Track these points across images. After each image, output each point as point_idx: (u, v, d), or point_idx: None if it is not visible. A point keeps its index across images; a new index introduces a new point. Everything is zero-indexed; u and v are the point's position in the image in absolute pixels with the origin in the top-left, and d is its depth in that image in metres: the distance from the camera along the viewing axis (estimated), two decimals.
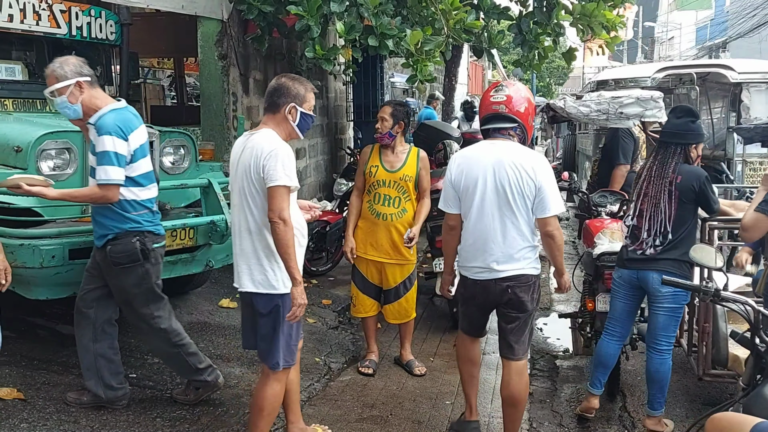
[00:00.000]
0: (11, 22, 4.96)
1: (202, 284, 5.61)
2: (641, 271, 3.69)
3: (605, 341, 3.91)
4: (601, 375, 3.92)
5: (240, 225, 3.11)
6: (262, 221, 3.02)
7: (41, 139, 4.15)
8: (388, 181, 4.45)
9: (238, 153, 3.12)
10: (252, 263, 3.07)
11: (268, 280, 3.06)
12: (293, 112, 3.10)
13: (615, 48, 7.16)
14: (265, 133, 3.07)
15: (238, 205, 3.10)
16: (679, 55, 34.08)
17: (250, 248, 3.08)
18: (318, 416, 3.95)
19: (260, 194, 3.01)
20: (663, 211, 3.63)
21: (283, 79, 3.16)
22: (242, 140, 3.17)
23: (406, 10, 6.37)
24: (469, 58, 26.47)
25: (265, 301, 3.08)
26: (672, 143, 3.71)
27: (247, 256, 3.09)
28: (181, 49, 8.77)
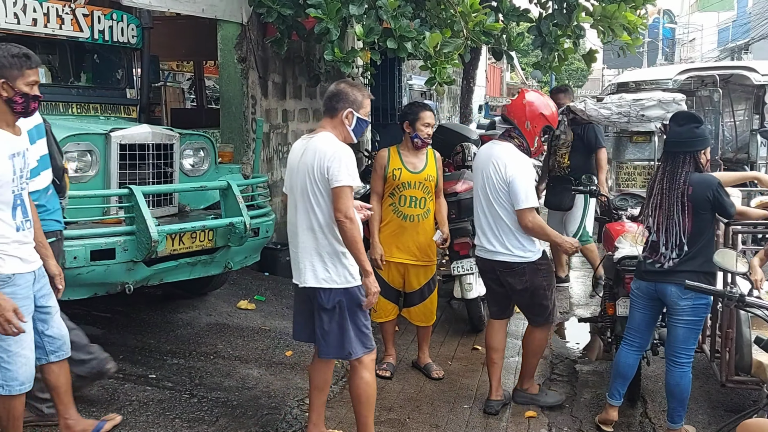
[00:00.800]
0: (35, 26, 5.03)
1: (221, 286, 5.65)
2: (659, 283, 3.62)
3: (624, 351, 3.83)
4: (621, 386, 3.84)
5: (302, 224, 3.23)
6: (325, 220, 3.17)
7: (63, 141, 4.19)
8: (414, 182, 4.43)
9: (298, 155, 3.26)
10: (315, 260, 3.21)
11: (331, 276, 3.20)
12: (350, 117, 3.25)
13: (636, 50, 7.09)
14: (324, 135, 3.22)
15: (301, 205, 3.22)
16: (700, 57, 33.71)
17: (313, 246, 3.21)
18: (335, 419, 3.94)
19: (324, 195, 3.14)
20: (677, 224, 3.53)
21: (342, 84, 3.30)
22: (302, 143, 3.31)
23: (425, 13, 6.36)
24: (488, 61, 26.41)
25: (328, 295, 3.21)
26: (680, 152, 3.58)
27: (310, 253, 3.21)
28: (200, 52, 8.83)
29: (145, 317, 5.17)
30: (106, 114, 5.61)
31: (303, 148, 3.25)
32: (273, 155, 7.08)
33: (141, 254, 4.02)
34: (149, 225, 3.95)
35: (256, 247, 4.92)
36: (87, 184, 4.30)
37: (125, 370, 4.27)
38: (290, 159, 3.34)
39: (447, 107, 18.24)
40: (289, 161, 3.36)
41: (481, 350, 5.18)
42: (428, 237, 4.48)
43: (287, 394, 4.17)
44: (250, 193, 5.01)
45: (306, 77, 7.66)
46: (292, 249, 3.32)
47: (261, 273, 6.43)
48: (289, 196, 3.33)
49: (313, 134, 3.28)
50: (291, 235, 3.32)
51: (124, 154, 4.42)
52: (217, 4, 6.07)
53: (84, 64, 5.78)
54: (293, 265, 3.34)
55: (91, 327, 4.98)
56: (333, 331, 3.22)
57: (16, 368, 2.85)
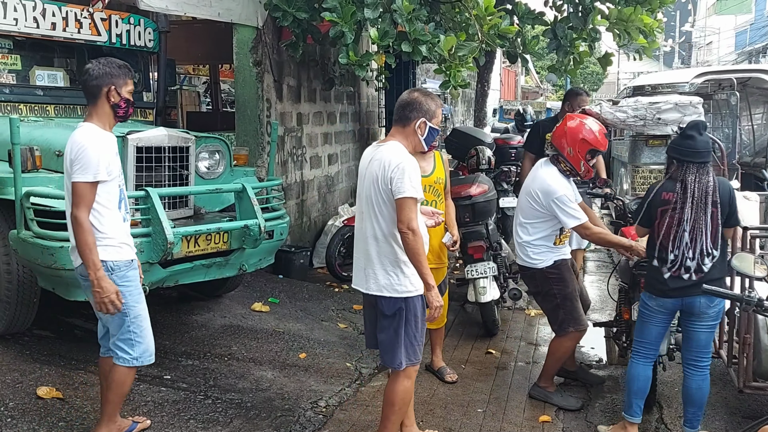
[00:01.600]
0: (54, 30, 5.10)
1: (235, 288, 5.67)
2: (687, 297, 3.55)
3: (641, 366, 3.74)
4: (641, 401, 3.76)
5: (366, 232, 3.25)
6: (388, 230, 3.18)
7: None
8: (425, 186, 4.41)
9: (366, 163, 3.29)
10: (377, 268, 3.22)
11: (392, 285, 3.20)
12: (422, 127, 3.25)
13: (652, 53, 7.05)
14: (392, 145, 3.21)
15: (366, 213, 3.25)
16: (717, 60, 33.41)
17: (375, 254, 3.22)
18: (349, 421, 3.95)
19: (387, 205, 3.16)
20: (704, 233, 3.48)
21: (415, 93, 3.30)
22: (370, 150, 3.34)
23: (440, 16, 6.37)
24: (502, 64, 26.35)
25: (389, 303, 3.22)
26: (707, 162, 3.52)
27: (372, 261, 3.23)
28: (216, 56, 8.90)
29: (160, 319, 5.20)
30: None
31: (371, 156, 3.28)
32: (287, 158, 7.11)
33: (157, 256, 4.05)
34: (165, 227, 3.98)
35: (270, 249, 4.94)
36: None
37: (140, 370, 4.29)
38: (360, 167, 3.38)
39: (461, 111, 18.21)
40: (359, 169, 3.38)
41: (495, 354, 5.16)
42: (439, 240, 4.44)
43: (301, 396, 4.17)
44: (265, 196, 5.04)
45: (320, 80, 7.69)
46: (357, 255, 3.33)
47: (275, 275, 6.46)
48: (357, 204, 3.37)
49: (382, 143, 3.31)
50: (356, 241, 3.35)
51: (141, 156, 4.46)
52: (233, 8, 6.11)
53: None
54: (357, 271, 3.34)
55: None
56: (392, 338, 3.25)
57: (147, 341, 3.25)
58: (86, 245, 3.00)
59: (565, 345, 4.28)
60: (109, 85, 3.13)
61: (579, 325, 4.21)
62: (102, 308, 3.05)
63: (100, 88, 3.12)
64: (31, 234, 3.89)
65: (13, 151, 3.84)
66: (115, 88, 3.14)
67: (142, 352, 3.23)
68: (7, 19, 4.86)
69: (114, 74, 3.15)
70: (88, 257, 3.01)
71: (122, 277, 3.14)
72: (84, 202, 3.00)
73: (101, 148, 3.05)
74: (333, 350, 5.00)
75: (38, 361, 4.19)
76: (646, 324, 3.73)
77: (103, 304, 3.02)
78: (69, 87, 5.47)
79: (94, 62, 3.20)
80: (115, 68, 3.17)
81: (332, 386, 4.38)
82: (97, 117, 3.15)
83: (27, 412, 3.55)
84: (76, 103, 5.41)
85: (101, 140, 3.08)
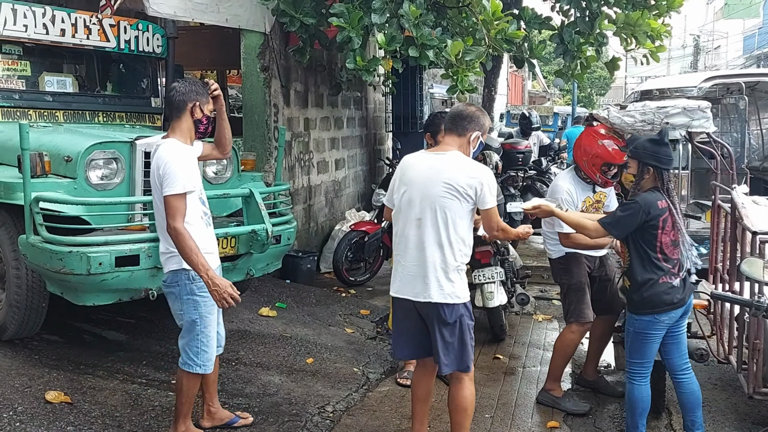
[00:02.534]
0: (63, 36, 5.13)
1: (243, 293, 5.64)
2: (688, 300, 3.56)
3: (643, 387, 3.61)
4: (645, 419, 3.67)
5: (429, 238, 3.24)
6: (455, 236, 3.24)
7: (90, 149, 4.27)
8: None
9: (424, 170, 3.30)
10: (440, 275, 3.24)
11: (455, 292, 3.26)
12: (475, 141, 3.39)
13: (659, 57, 7.03)
14: (458, 155, 3.31)
15: (430, 220, 3.24)
16: (725, 65, 33.29)
17: (440, 261, 3.24)
18: (356, 427, 3.94)
19: (460, 212, 3.24)
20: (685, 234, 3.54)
21: (472, 108, 3.45)
22: (424, 156, 3.40)
23: (447, 21, 6.37)
24: (509, 69, 26.35)
25: (451, 310, 3.26)
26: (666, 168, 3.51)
27: (436, 268, 3.23)
28: (224, 61, 8.93)
29: (168, 323, 5.20)
30: (132, 122, 5.69)
31: (426, 162, 3.32)
32: (295, 163, 7.12)
33: None
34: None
35: (277, 254, 4.95)
36: (112, 191, 4.36)
37: (148, 375, 4.31)
38: (409, 173, 3.34)
39: None
40: (405, 176, 3.35)
41: (502, 359, 5.15)
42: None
43: (308, 402, 4.17)
44: (272, 201, 5.05)
45: (328, 86, 7.71)
46: (409, 263, 3.28)
47: (282, 280, 6.46)
48: (407, 210, 3.30)
49: (440, 151, 3.36)
50: (408, 248, 3.29)
51: (149, 161, 4.46)
52: (241, 14, 6.14)
53: (110, 73, 5.88)
54: (408, 279, 3.29)
55: (116, 332, 5.04)
56: (455, 344, 3.28)
57: (211, 350, 3.40)
58: (191, 250, 3.13)
59: (569, 338, 4.29)
60: (194, 101, 3.30)
61: (581, 318, 4.24)
62: (222, 304, 3.16)
63: (185, 104, 3.29)
64: (40, 239, 3.91)
65: (22, 157, 3.86)
66: (199, 104, 3.32)
67: (205, 361, 3.38)
68: (17, 26, 4.90)
69: (199, 92, 3.32)
70: (195, 261, 3.14)
71: (201, 287, 3.25)
72: (178, 213, 3.16)
73: (184, 162, 3.22)
74: (340, 355, 5.00)
75: (47, 365, 4.21)
76: (649, 343, 3.57)
77: (223, 299, 3.13)
78: (78, 93, 5.50)
79: (180, 81, 3.40)
80: (200, 87, 3.35)
81: (339, 391, 4.38)
82: (179, 132, 3.31)
83: (36, 417, 3.56)
84: (84, 109, 5.45)
85: (183, 154, 3.25)
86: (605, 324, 4.54)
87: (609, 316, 4.51)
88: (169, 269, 3.33)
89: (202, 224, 3.35)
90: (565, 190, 4.21)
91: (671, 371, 3.72)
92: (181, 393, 3.44)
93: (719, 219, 4.58)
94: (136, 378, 4.23)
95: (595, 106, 35.63)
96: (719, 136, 6.38)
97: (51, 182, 4.15)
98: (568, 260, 4.30)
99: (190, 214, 3.25)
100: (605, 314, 4.50)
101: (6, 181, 4.17)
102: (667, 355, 3.67)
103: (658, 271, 3.47)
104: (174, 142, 3.27)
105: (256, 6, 6.17)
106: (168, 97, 3.38)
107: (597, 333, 4.58)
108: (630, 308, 3.59)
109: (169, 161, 3.17)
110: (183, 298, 3.31)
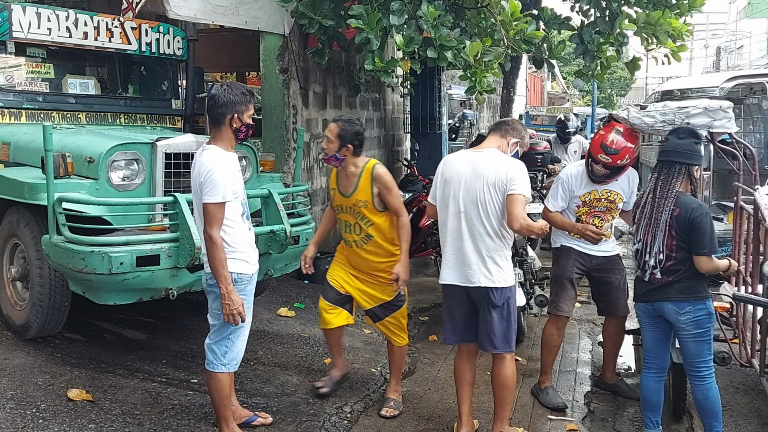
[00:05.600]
0: (86, 39, 5.20)
1: (261, 293, 5.70)
2: (656, 302, 3.56)
3: (644, 376, 3.73)
4: (651, 413, 3.71)
5: (474, 229, 3.55)
6: (498, 225, 3.53)
7: (112, 150, 4.32)
8: (344, 206, 4.02)
9: (463, 165, 3.60)
10: (489, 262, 3.54)
11: (503, 276, 3.56)
12: (513, 147, 3.71)
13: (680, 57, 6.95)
14: (495, 151, 3.64)
15: (473, 211, 3.54)
16: (749, 65, 32.81)
17: (485, 250, 3.54)
18: (374, 427, 3.94)
19: (499, 203, 3.50)
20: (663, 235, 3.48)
21: (519, 123, 3.86)
22: (463, 154, 3.73)
23: (465, 22, 6.36)
24: (528, 70, 26.22)
25: (500, 294, 3.56)
26: (676, 162, 3.54)
27: (483, 256, 3.54)
28: (243, 63, 9.00)
29: (187, 323, 5.26)
30: (153, 124, 5.76)
31: (468, 160, 3.61)
32: (313, 164, 7.15)
33: (184, 261, 4.10)
34: (192, 232, 4.02)
35: (296, 254, 4.95)
36: (133, 191, 4.41)
37: (168, 374, 4.36)
38: (450, 170, 3.64)
39: (487, 117, 18.15)
40: (447, 173, 3.65)
41: (521, 361, 5.12)
42: (377, 262, 4.01)
43: (326, 401, 4.18)
44: (291, 202, 5.07)
45: (346, 87, 7.73)
46: (455, 253, 3.59)
47: (301, 281, 6.49)
48: (451, 204, 3.60)
49: (479, 149, 3.71)
50: (455, 239, 3.59)
51: (170, 162, 4.52)
52: (260, 16, 6.18)
53: (131, 75, 5.95)
54: (456, 268, 3.60)
55: (136, 332, 5.10)
56: (502, 326, 3.57)
57: (237, 350, 3.48)
58: (219, 261, 3.24)
59: (547, 328, 4.47)
60: (232, 113, 3.32)
61: (555, 309, 4.40)
62: (230, 319, 3.30)
63: (224, 116, 3.32)
64: (62, 239, 3.96)
65: (45, 158, 3.92)
66: (237, 115, 3.33)
67: (230, 360, 3.46)
68: (41, 29, 4.98)
69: (237, 102, 3.32)
70: (220, 272, 3.25)
71: (242, 290, 3.38)
72: (216, 221, 3.23)
73: (226, 170, 3.27)
74: (358, 356, 5.01)
75: (69, 363, 4.27)
76: (642, 331, 3.77)
77: (232, 315, 3.28)
78: (100, 95, 5.57)
79: (220, 89, 3.35)
80: (239, 95, 3.33)
81: (357, 391, 4.39)
82: (220, 140, 3.35)
83: (58, 414, 3.61)
84: (106, 111, 5.52)
85: (226, 162, 3.29)
86: (613, 324, 4.53)
87: (616, 318, 4.49)
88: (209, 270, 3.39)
89: (245, 226, 3.44)
90: (568, 173, 4.35)
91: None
92: (213, 396, 3.50)
93: (742, 220, 4.52)
94: (155, 377, 4.28)
95: (615, 106, 35.30)
96: (742, 136, 6.30)
97: (74, 183, 4.20)
98: (560, 252, 4.43)
99: (233, 216, 3.33)
100: (609, 315, 4.50)
101: (30, 181, 4.23)
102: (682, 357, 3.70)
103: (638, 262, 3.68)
104: (217, 150, 3.31)
105: (275, 8, 6.21)
106: (208, 107, 3.39)
107: (607, 333, 4.60)
108: None
109: (211, 169, 3.22)
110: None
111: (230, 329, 3.41)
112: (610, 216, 4.35)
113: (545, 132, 15.26)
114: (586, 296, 6.25)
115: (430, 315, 6.13)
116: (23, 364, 4.15)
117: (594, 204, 4.29)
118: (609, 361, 4.61)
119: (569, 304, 4.38)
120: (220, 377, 3.45)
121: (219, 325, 3.42)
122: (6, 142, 4.87)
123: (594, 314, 5.95)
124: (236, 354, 3.48)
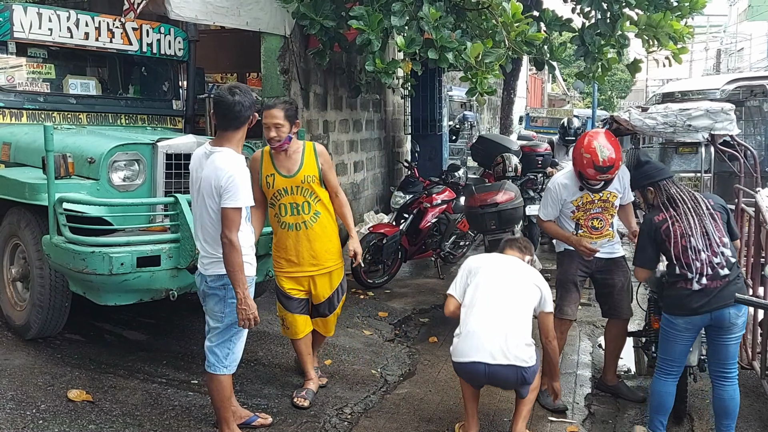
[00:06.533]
0: (87, 39, 5.20)
1: (261, 294, 5.69)
2: (716, 311, 3.47)
3: (665, 382, 3.68)
4: (663, 417, 3.71)
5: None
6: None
7: (112, 151, 4.32)
8: (290, 187, 3.98)
9: (496, 268, 3.84)
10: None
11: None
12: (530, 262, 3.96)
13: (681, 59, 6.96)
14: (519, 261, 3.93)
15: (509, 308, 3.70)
16: (749, 67, 32.83)
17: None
18: (374, 429, 3.94)
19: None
20: (712, 234, 3.50)
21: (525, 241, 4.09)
22: (495, 257, 3.97)
23: (466, 23, 6.36)
24: (528, 71, 26.24)
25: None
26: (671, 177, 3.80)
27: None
28: (244, 64, 8.99)
29: (188, 324, 5.26)
30: (153, 124, 5.75)
31: (501, 264, 3.90)
32: None
33: (185, 261, 4.09)
34: (193, 233, 4.02)
35: None
36: (134, 192, 4.41)
37: (168, 375, 4.35)
38: (483, 271, 3.84)
39: (487, 118, 18.16)
40: (479, 272, 3.83)
41: None
42: (325, 242, 4.10)
43: (326, 403, 4.18)
44: None
45: (347, 88, 7.74)
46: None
47: None
48: (485, 296, 3.77)
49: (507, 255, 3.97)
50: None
51: (170, 163, 4.52)
52: (261, 18, 6.18)
53: (132, 76, 5.95)
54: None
55: (136, 332, 5.09)
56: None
57: (238, 351, 3.49)
58: (237, 265, 3.22)
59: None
60: (253, 114, 3.36)
61: (559, 312, 4.35)
62: (243, 323, 3.30)
63: (248, 118, 3.33)
64: (63, 239, 3.96)
65: (46, 158, 3.92)
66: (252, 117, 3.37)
67: (232, 362, 3.47)
68: (42, 30, 4.97)
69: (255, 102, 3.37)
70: (237, 276, 3.23)
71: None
72: (235, 225, 3.22)
73: (246, 175, 3.27)
74: (358, 357, 5.00)
75: (69, 364, 4.27)
76: (671, 343, 3.63)
77: (247, 319, 3.28)
78: (101, 95, 5.57)
79: (239, 92, 3.28)
80: (252, 96, 3.38)
81: (357, 393, 4.38)
82: (235, 142, 3.32)
83: (58, 415, 3.60)
84: (107, 111, 5.52)
85: (243, 167, 3.28)
86: (615, 326, 4.52)
87: (619, 320, 4.49)
88: (216, 273, 3.35)
89: (248, 229, 3.46)
90: (555, 183, 4.38)
91: (710, 374, 3.73)
92: (214, 397, 3.50)
93: (743, 223, 4.52)
94: (156, 377, 4.27)
95: (615, 108, 35.30)
96: (742, 138, 6.30)
97: (74, 183, 4.20)
98: (563, 255, 4.46)
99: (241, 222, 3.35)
100: (612, 317, 4.50)
101: (30, 182, 4.23)
102: (708, 358, 3.71)
103: (677, 276, 3.54)
104: (232, 154, 3.27)
105: (276, 9, 6.21)
106: (235, 111, 3.26)
107: (609, 335, 4.60)
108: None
109: (233, 174, 3.18)
110: (228, 301, 3.36)
111: (233, 332, 3.40)
112: (608, 215, 4.34)
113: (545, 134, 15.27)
114: (586, 298, 6.26)
115: (430, 317, 6.13)
116: (23, 365, 4.15)
117: (588, 207, 4.29)
118: (610, 363, 4.60)
119: (573, 307, 4.38)
120: (221, 379, 3.45)
121: (222, 328, 3.41)
122: (7, 143, 4.87)
123: (594, 316, 5.95)
124: (237, 356, 3.49)
